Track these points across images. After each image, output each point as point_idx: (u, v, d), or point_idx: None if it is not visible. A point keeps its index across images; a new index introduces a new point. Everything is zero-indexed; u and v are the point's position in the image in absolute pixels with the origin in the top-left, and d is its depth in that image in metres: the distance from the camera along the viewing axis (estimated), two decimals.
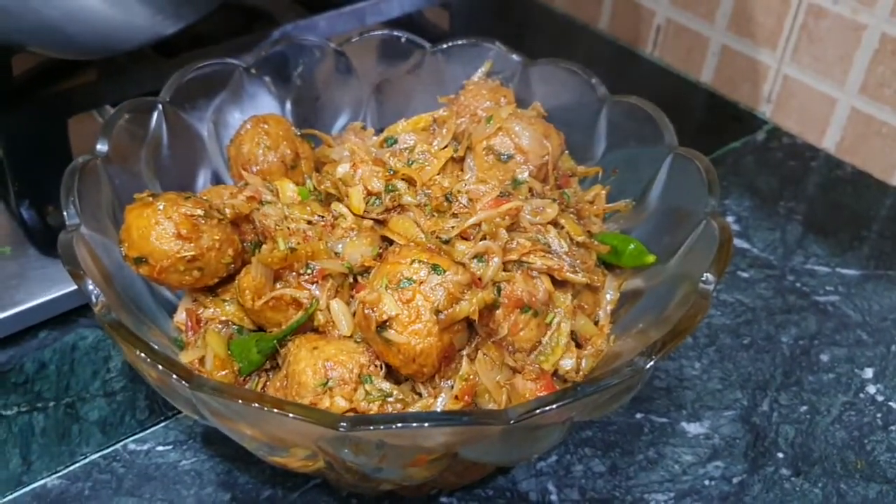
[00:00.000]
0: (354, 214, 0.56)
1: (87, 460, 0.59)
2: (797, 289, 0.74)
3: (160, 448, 0.60)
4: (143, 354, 0.45)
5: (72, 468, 0.58)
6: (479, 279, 0.51)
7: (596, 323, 0.57)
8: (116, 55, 0.66)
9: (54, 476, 0.58)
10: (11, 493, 0.56)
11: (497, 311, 0.51)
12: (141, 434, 0.60)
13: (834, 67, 0.87)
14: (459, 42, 0.71)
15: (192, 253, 0.53)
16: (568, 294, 0.55)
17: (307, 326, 0.52)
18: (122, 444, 0.60)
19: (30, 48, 0.63)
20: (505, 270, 0.52)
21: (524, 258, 0.53)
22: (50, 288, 0.66)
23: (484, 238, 0.53)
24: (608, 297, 0.59)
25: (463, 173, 0.60)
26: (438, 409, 0.48)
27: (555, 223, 0.56)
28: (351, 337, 0.51)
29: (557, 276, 0.54)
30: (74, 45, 0.60)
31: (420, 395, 0.49)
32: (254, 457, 0.52)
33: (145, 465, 0.58)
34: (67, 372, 0.64)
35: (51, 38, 0.58)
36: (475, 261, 0.51)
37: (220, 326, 0.54)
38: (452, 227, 0.53)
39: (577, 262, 0.55)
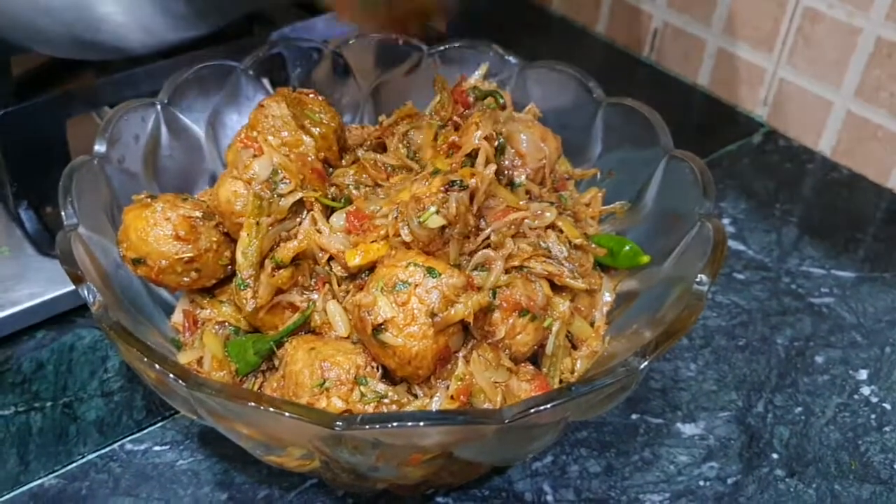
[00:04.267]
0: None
1: (84, 460, 0.59)
2: (792, 290, 0.74)
3: (157, 448, 0.60)
4: (140, 354, 0.45)
5: (69, 468, 0.58)
6: (480, 288, 0.51)
7: (592, 324, 0.58)
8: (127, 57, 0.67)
9: (51, 476, 0.58)
10: (9, 493, 0.57)
11: (495, 315, 0.52)
12: (138, 434, 0.61)
13: (830, 71, 0.87)
14: (456, 44, 0.71)
15: (190, 254, 0.53)
16: (566, 300, 0.55)
17: (304, 327, 0.53)
18: (119, 443, 0.60)
19: (36, 50, 0.63)
20: (505, 273, 0.53)
21: (525, 263, 0.53)
22: (48, 288, 0.66)
23: (488, 247, 0.53)
24: (605, 299, 0.59)
25: None
26: (434, 409, 0.49)
27: (552, 226, 0.57)
28: (348, 338, 0.52)
29: (557, 282, 0.55)
30: (84, 47, 0.61)
31: (416, 396, 0.50)
32: (251, 456, 0.52)
33: (142, 465, 0.59)
34: (65, 372, 0.64)
35: (63, 41, 0.59)
36: (475, 271, 0.52)
37: (217, 327, 0.55)
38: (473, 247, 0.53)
39: (576, 266, 0.56)
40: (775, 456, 0.61)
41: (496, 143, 0.54)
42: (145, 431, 0.61)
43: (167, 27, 0.61)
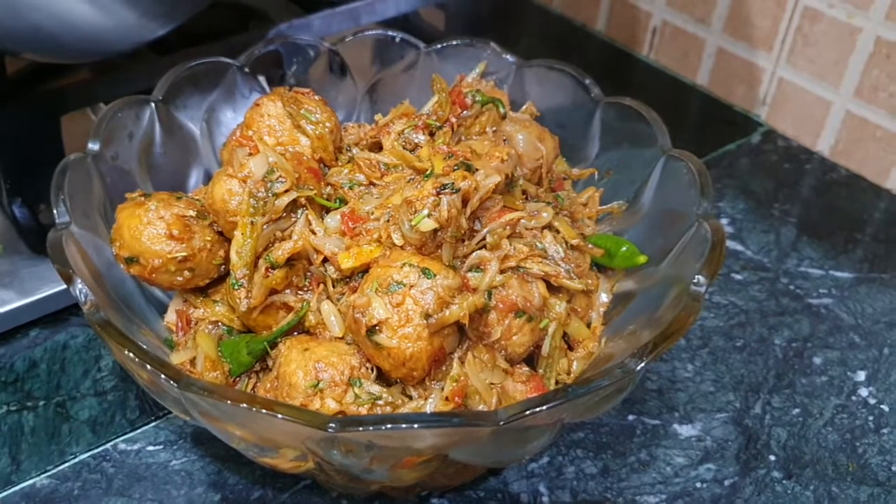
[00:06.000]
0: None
1: (76, 460, 0.58)
2: (790, 291, 0.74)
3: (150, 448, 0.59)
4: (132, 354, 0.44)
5: (61, 468, 0.58)
6: (475, 289, 0.50)
7: (588, 325, 0.57)
8: (105, 59, 0.66)
9: (44, 476, 0.57)
10: (0, 493, 0.56)
11: (491, 316, 0.51)
12: (131, 434, 0.60)
13: (829, 71, 0.87)
14: (454, 42, 0.71)
15: (184, 253, 0.53)
16: (563, 301, 0.55)
17: (298, 328, 0.52)
18: (112, 443, 0.59)
19: (19, 53, 0.62)
20: (501, 273, 0.52)
21: (521, 264, 0.53)
22: (41, 286, 0.66)
23: (484, 248, 0.52)
24: (601, 299, 0.59)
25: None
26: (428, 411, 0.48)
27: (549, 226, 0.56)
28: (342, 339, 0.51)
29: (554, 283, 0.54)
30: (62, 49, 0.60)
31: (410, 397, 0.49)
32: (244, 457, 0.52)
33: (135, 465, 0.58)
34: (58, 371, 0.64)
35: (38, 43, 0.58)
36: (471, 272, 0.51)
37: (210, 327, 0.54)
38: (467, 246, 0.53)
39: (572, 266, 0.55)
40: (773, 458, 0.61)
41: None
42: (139, 431, 0.60)
43: (126, 26, 0.60)
